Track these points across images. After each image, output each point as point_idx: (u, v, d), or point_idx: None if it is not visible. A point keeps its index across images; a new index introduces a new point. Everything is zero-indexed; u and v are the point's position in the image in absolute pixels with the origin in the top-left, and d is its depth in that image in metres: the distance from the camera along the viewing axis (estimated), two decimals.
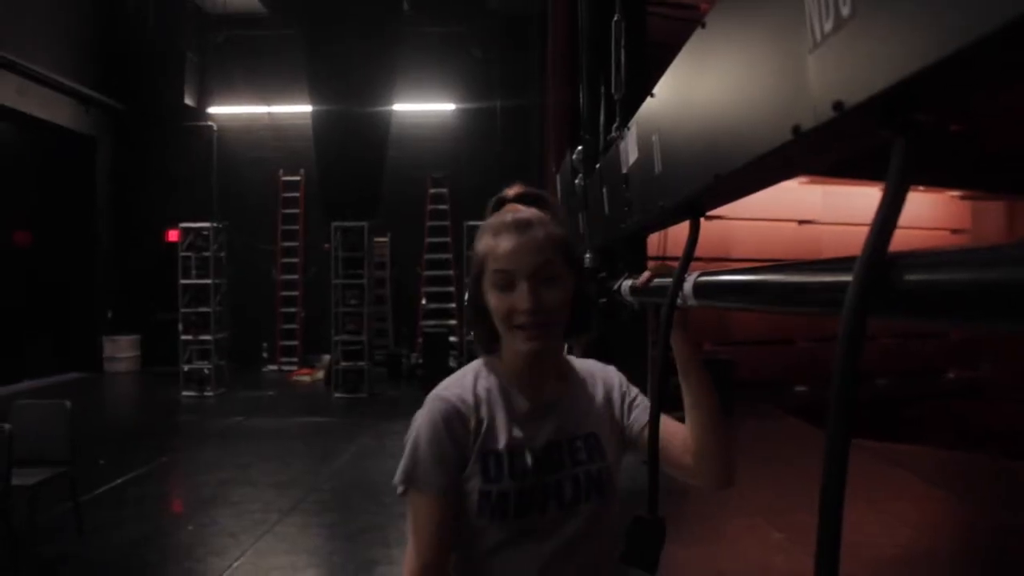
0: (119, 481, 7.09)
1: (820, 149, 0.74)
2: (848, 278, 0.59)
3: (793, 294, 0.80)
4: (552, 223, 1.42)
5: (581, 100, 2.94)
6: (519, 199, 1.49)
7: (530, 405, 1.46)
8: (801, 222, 12.41)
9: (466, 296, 1.51)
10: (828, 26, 0.59)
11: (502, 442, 1.41)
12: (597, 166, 2.32)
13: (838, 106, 0.59)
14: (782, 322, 11.07)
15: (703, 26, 0.98)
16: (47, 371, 13.80)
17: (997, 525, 5.89)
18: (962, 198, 13.97)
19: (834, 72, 0.60)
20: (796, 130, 0.67)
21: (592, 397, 1.55)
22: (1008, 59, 0.46)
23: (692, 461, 1.51)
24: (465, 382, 1.47)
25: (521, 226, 1.39)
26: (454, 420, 1.40)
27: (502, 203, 1.50)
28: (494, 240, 1.40)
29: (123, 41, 15.03)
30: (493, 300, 1.39)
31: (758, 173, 0.90)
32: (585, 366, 1.61)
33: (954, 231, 13.76)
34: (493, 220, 1.44)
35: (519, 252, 1.37)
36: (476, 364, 1.51)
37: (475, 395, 1.44)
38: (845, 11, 0.56)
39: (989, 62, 0.46)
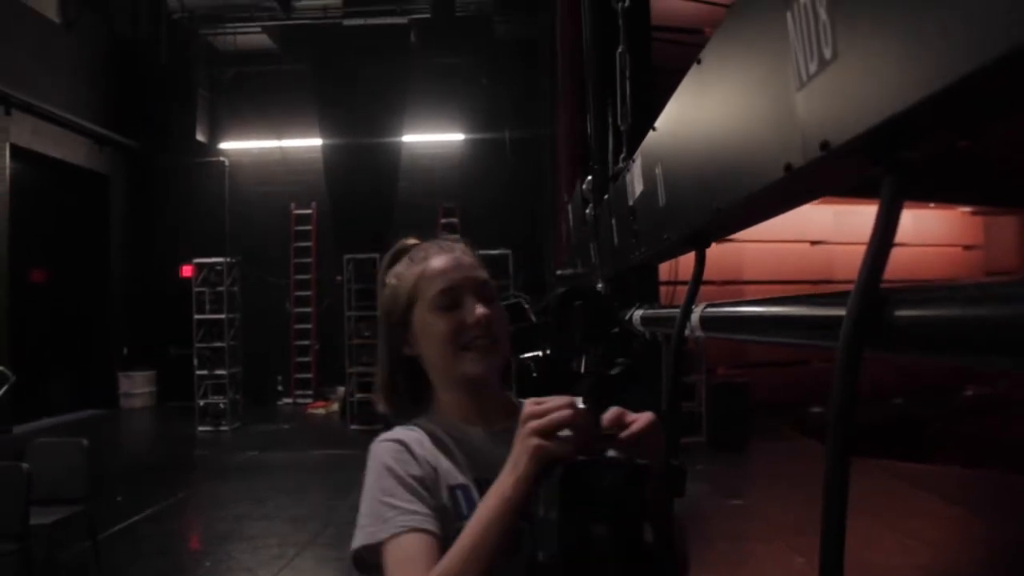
0: (137, 518, 7.09)
1: (814, 185, 0.76)
2: (843, 312, 0.60)
3: (792, 327, 0.81)
4: (469, 247, 1.38)
5: (589, 129, 2.97)
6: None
7: (486, 435, 1.30)
8: (813, 243, 12.39)
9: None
10: (813, 67, 0.61)
11: (467, 475, 1.25)
12: (606, 196, 2.34)
13: (825, 145, 0.60)
14: None
15: (699, 62, 0.99)
16: (64, 408, 13.83)
17: (1018, 542, 5.82)
18: (973, 214, 13.92)
19: (820, 112, 0.61)
20: (788, 168, 0.68)
21: None
22: (987, 97, 0.47)
23: None
24: (405, 430, 1.31)
25: (447, 246, 1.34)
26: (407, 454, 1.25)
27: (405, 249, 1.40)
28: (421, 265, 1.32)
29: (135, 79, 15.18)
30: (437, 323, 1.26)
31: (757, 207, 0.92)
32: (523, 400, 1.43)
33: (966, 247, 13.70)
34: (411, 255, 1.36)
35: (459, 267, 1.30)
36: (406, 432, 1.31)
37: (424, 433, 1.29)
38: (827, 53, 0.58)
39: (969, 101, 0.48)
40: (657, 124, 1.35)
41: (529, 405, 1.02)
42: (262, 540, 6.42)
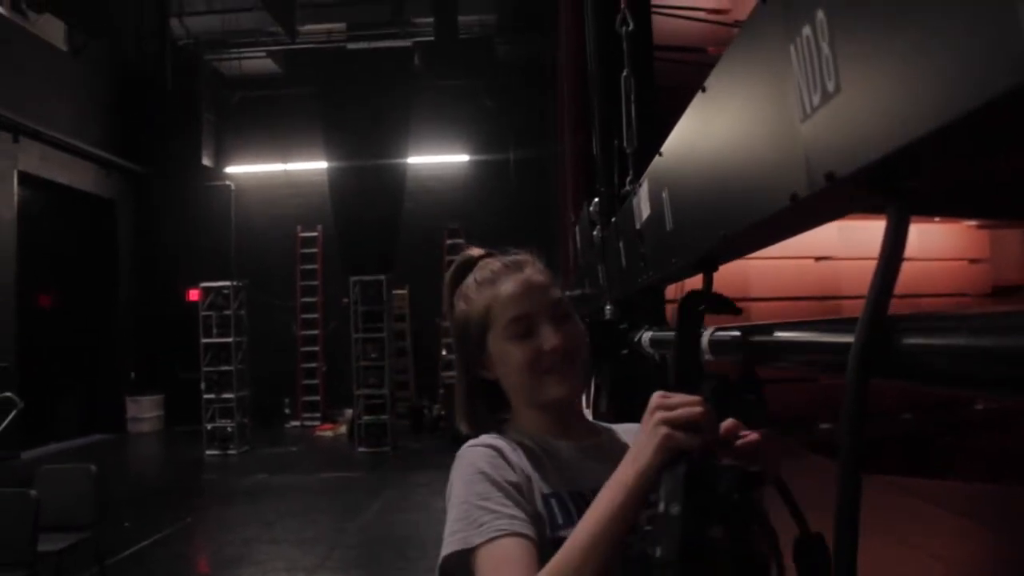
0: (145, 543, 7.08)
1: (820, 213, 0.77)
2: (850, 339, 0.61)
3: (801, 352, 0.82)
4: (539, 262, 1.34)
5: (595, 151, 2.98)
6: (488, 256, 1.38)
7: (574, 448, 1.29)
8: (818, 259, 12.35)
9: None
10: (816, 99, 0.62)
11: (559, 484, 1.22)
12: (613, 219, 2.35)
13: (830, 176, 0.61)
14: None
15: (704, 90, 1.01)
16: (72, 434, 13.85)
17: None
18: (979, 227, 13.86)
19: (825, 143, 0.62)
20: (794, 197, 0.69)
21: (628, 444, 1.29)
22: (990, 132, 0.48)
23: None
24: (494, 438, 1.27)
25: (516, 265, 1.31)
26: (502, 460, 1.20)
27: (471, 263, 1.38)
28: (494, 288, 1.28)
29: (142, 105, 15.30)
30: (514, 352, 1.25)
31: (764, 233, 0.93)
32: (603, 423, 1.44)
33: (972, 261, 13.65)
34: (478, 274, 1.33)
35: (530, 291, 1.27)
36: (496, 439, 1.27)
37: (511, 442, 1.25)
38: (830, 85, 0.59)
39: (972, 136, 0.48)
40: (663, 149, 1.36)
41: (657, 397, 0.99)
42: (271, 564, 6.41)
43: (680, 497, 0.91)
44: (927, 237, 12.06)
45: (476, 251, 1.40)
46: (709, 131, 1.02)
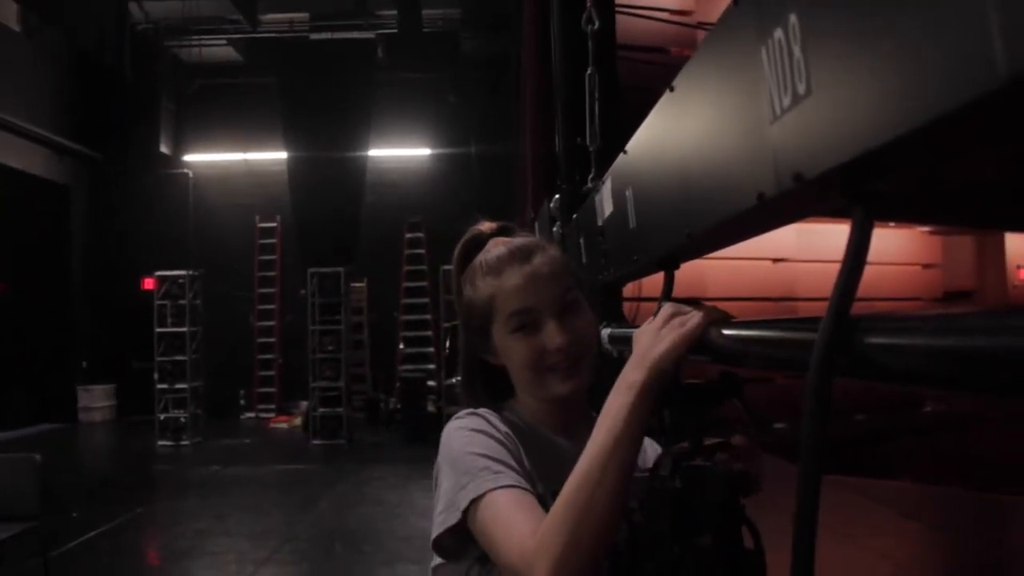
0: (92, 534, 6.97)
1: (786, 213, 0.78)
2: (813, 335, 0.62)
3: (763, 350, 0.83)
4: (550, 245, 1.30)
5: (557, 148, 2.98)
6: (501, 233, 1.36)
7: (571, 446, 1.21)
8: (775, 260, 12.49)
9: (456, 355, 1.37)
10: (787, 101, 0.62)
11: (549, 482, 1.15)
12: (574, 216, 2.36)
13: (798, 177, 0.61)
14: None
15: (671, 89, 1.01)
16: (21, 422, 13.59)
17: (978, 558, 5.90)
18: (932, 233, 14.12)
19: (794, 144, 0.62)
20: (761, 196, 0.69)
21: None
22: (955, 137, 0.49)
23: None
24: (487, 414, 1.23)
25: (524, 254, 1.24)
26: (494, 429, 1.19)
27: (480, 241, 1.34)
28: (498, 279, 1.23)
29: (99, 90, 15.01)
30: (516, 347, 1.21)
31: (729, 232, 0.93)
32: None
33: (925, 266, 13.90)
34: (484, 258, 1.27)
35: (535, 284, 1.21)
36: (485, 410, 1.25)
37: (508, 424, 1.23)
38: (801, 88, 0.59)
39: (938, 141, 0.49)
40: (628, 147, 1.36)
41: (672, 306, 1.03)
42: (221, 556, 6.35)
43: (669, 514, 0.93)
44: (882, 242, 12.25)
45: (487, 226, 1.37)
46: (676, 130, 1.02)
